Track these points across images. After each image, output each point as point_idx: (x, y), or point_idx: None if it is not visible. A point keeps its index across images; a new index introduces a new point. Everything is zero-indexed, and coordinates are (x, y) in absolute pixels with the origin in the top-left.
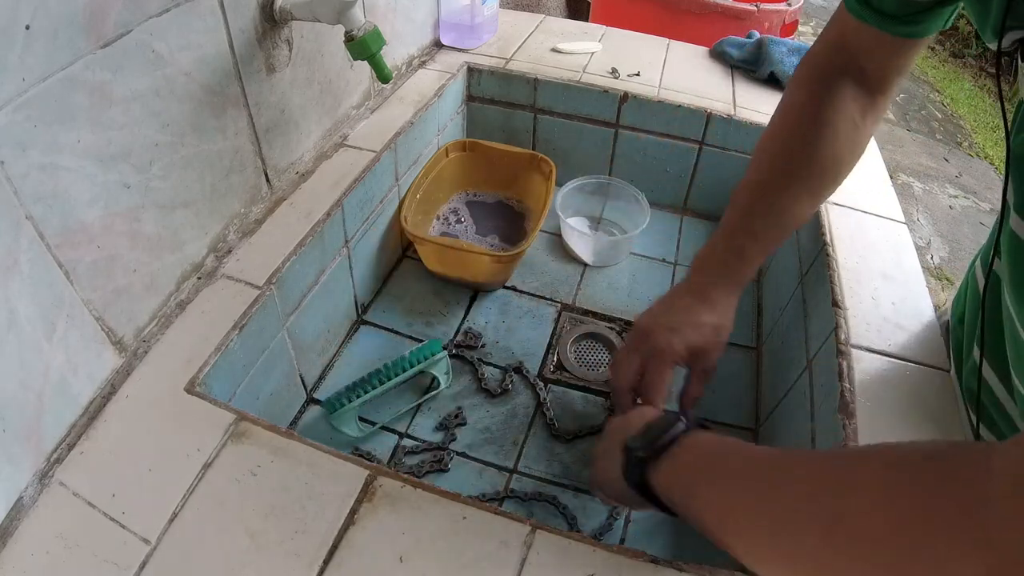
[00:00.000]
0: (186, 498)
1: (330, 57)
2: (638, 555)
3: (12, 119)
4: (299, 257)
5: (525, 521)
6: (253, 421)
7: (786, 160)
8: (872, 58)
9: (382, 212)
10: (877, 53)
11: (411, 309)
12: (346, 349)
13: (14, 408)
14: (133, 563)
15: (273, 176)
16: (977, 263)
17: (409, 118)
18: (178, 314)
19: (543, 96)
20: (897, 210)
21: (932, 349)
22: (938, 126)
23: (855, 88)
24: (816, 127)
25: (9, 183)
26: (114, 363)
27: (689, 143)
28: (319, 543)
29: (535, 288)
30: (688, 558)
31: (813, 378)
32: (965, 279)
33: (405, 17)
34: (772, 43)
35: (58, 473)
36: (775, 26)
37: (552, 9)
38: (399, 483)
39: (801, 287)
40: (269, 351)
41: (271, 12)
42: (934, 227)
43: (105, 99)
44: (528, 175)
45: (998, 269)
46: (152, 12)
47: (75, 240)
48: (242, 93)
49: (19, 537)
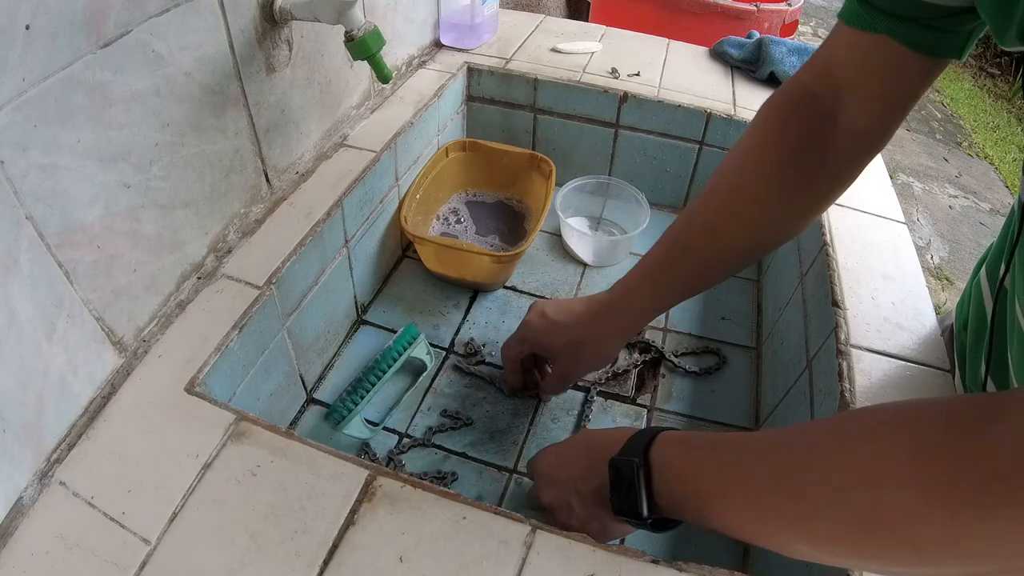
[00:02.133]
0: (186, 498)
1: (330, 57)
2: (638, 555)
3: (12, 119)
4: (299, 257)
5: (525, 521)
6: (253, 421)
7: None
8: (869, 87)
9: (382, 212)
10: (876, 79)
11: (411, 309)
12: (346, 349)
13: (14, 408)
14: (133, 563)
15: (273, 176)
16: (982, 272)
17: (409, 118)
18: (178, 314)
19: (543, 96)
20: (897, 210)
21: (932, 349)
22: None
23: (822, 143)
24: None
25: (9, 183)
26: (114, 363)
27: (689, 143)
28: (319, 543)
29: (535, 288)
30: (688, 558)
31: (813, 378)
32: (969, 285)
33: (405, 17)
34: (772, 43)
35: (58, 473)
36: (775, 26)
37: (552, 9)
38: (399, 483)
39: (801, 287)
40: (269, 351)
41: (271, 12)
42: (934, 227)
43: (105, 99)
44: (528, 175)
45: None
46: (152, 12)
47: (75, 240)
48: (242, 93)
49: (19, 537)
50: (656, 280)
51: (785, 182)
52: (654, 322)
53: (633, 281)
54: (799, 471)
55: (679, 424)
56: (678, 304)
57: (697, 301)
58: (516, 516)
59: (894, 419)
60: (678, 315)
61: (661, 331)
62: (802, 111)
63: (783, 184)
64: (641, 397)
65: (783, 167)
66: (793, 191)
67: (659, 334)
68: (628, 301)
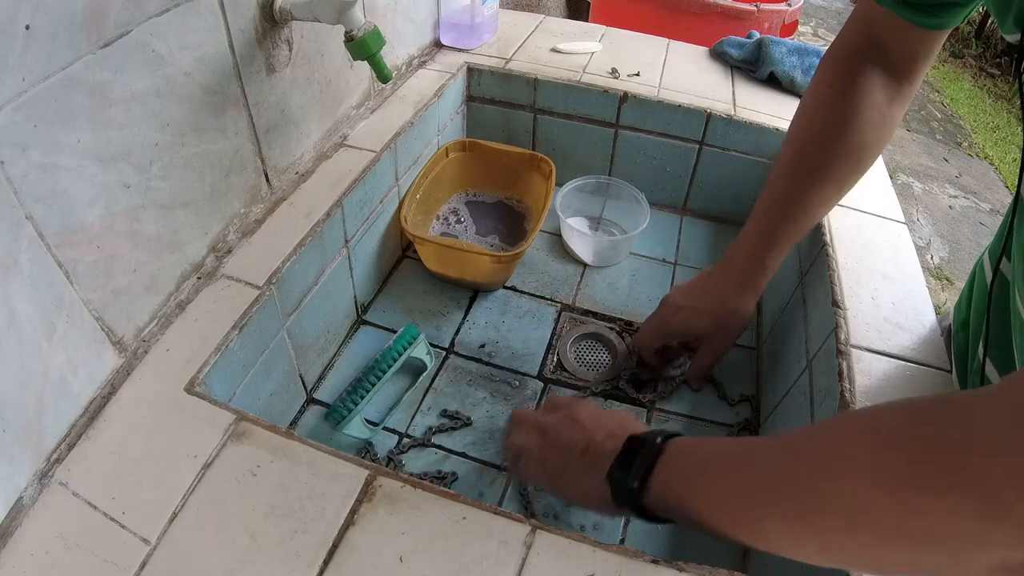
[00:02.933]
0: (186, 498)
1: (330, 57)
2: (638, 555)
3: (12, 119)
4: (299, 257)
5: (525, 521)
6: (253, 421)
7: (814, 151)
8: (896, 45)
9: (382, 212)
10: (899, 40)
11: (411, 309)
12: (346, 349)
13: (14, 408)
14: (133, 563)
15: (273, 176)
16: (984, 265)
17: (409, 118)
18: (178, 314)
19: (543, 96)
20: (897, 210)
21: (932, 349)
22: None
23: (881, 75)
24: (843, 116)
25: (9, 183)
26: (114, 363)
27: (689, 143)
28: (319, 543)
29: (535, 288)
30: (688, 558)
31: (813, 378)
32: (967, 285)
33: (405, 17)
34: (772, 43)
35: (58, 473)
36: (775, 26)
37: (552, 9)
38: (399, 483)
39: (801, 287)
40: (269, 351)
41: (271, 12)
42: (934, 227)
43: (105, 99)
44: (528, 175)
45: (1006, 271)
46: (152, 12)
47: (75, 240)
48: (242, 93)
49: (19, 537)
50: (769, 242)
51: (858, 82)
52: None
53: (751, 244)
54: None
55: (679, 424)
56: None
57: None
58: (516, 516)
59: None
60: None
61: None
62: (858, 45)
63: (857, 86)
64: (641, 397)
65: (856, 74)
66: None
67: None
68: (757, 264)
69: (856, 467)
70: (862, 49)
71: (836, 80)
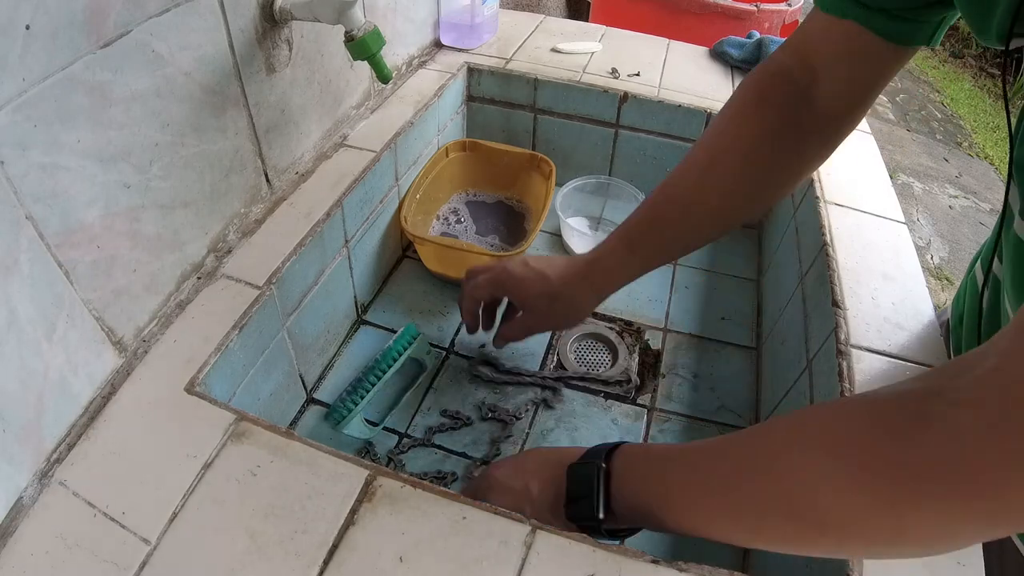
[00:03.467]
0: (186, 498)
1: (330, 57)
2: (638, 555)
3: (12, 119)
4: (299, 257)
5: (525, 521)
6: (253, 421)
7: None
8: (840, 71)
9: (382, 212)
10: (847, 64)
11: (411, 309)
12: (346, 349)
13: (14, 408)
14: (133, 563)
15: (273, 176)
16: (977, 265)
17: (409, 118)
18: (178, 314)
19: (543, 96)
20: (897, 210)
21: (932, 349)
22: (938, 126)
23: (797, 122)
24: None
25: (9, 183)
26: (114, 363)
27: (689, 143)
28: (319, 543)
29: None
30: (688, 558)
31: (813, 378)
32: (964, 280)
33: (405, 17)
34: (772, 43)
35: (58, 473)
36: (775, 26)
37: (552, 9)
38: (399, 483)
39: (801, 287)
40: (269, 351)
41: (271, 12)
42: (934, 227)
43: (105, 99)
44: (528, 175)
45: (997, 272)
46: (152, 12)
47: (75, 240)
48: (242, 93)
49: (19, 537)
50: (633, 246)
51: (761, 158)
52: (654, 322)
53: (611, 245)
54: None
55: (679, 424)
56: (655, 269)
57: (697, 301)
58: (516, 516)
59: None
60: (678, 315)
61: (661, 331)
62: (780, 90)
63: (759, 160)
64: (641, 397)
65: (760, 143)
66: (768, 167)
67: (659, 334)
68: (605, 263)
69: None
70: (789, 81)
71: (743, 118)
